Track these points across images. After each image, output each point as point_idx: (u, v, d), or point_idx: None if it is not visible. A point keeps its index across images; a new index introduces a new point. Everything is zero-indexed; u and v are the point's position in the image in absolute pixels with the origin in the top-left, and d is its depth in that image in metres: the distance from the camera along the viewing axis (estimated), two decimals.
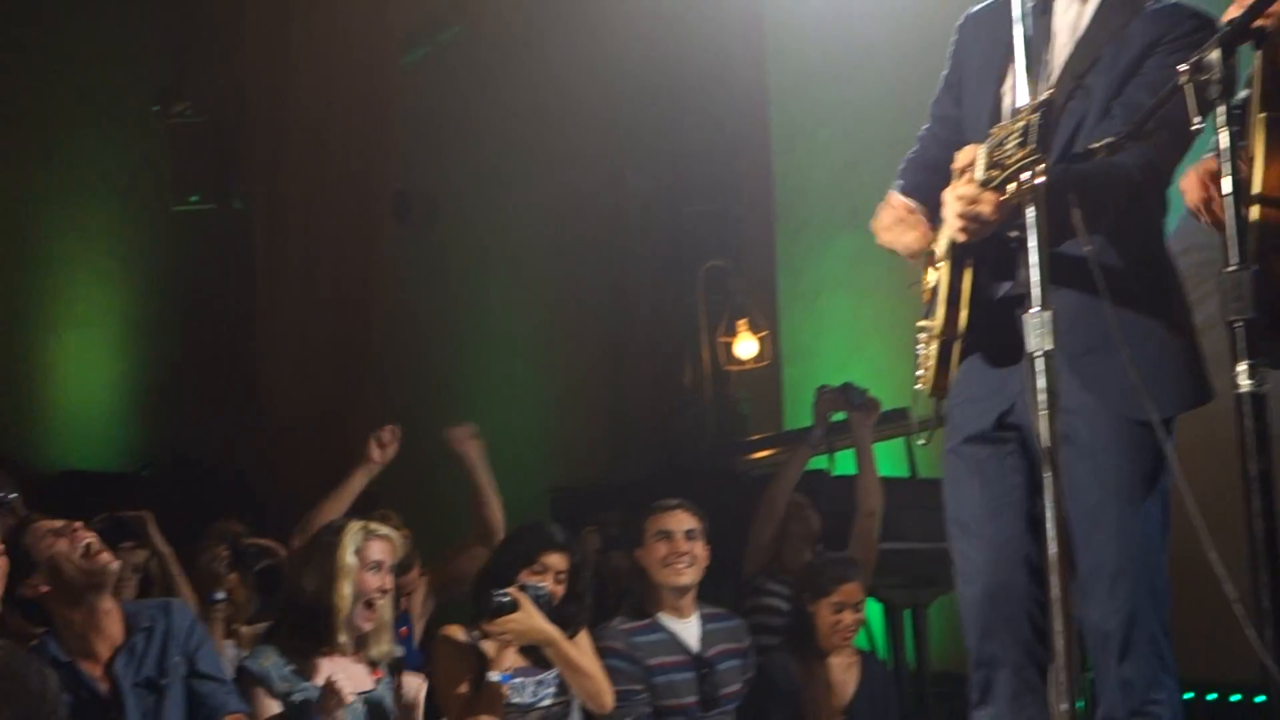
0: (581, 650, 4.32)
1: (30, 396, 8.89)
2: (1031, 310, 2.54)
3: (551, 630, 4.21)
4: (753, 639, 4.94)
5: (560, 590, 4.35)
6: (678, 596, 4.68)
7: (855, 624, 4.98)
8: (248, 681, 3.97)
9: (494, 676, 4.11)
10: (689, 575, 4.65)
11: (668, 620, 4.67)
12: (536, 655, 4.31)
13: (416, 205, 9.14)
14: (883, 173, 3.38)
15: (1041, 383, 2.52)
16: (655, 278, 9.75)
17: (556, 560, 4.36)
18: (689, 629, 4.69)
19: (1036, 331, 2.54)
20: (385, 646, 4.17)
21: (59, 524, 3.78)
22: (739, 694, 4.72)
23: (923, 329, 3.05)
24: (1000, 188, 2.59)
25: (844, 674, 4.97)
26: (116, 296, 9.34)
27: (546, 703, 4.31)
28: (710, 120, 9.33)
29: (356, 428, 8.46)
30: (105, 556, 3.75)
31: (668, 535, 4.65)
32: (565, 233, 9.63)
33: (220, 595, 4.83)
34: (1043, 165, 2.48)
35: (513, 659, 4.20)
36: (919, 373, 3.07)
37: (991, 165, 2.58)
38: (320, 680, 3.99)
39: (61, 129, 9.08)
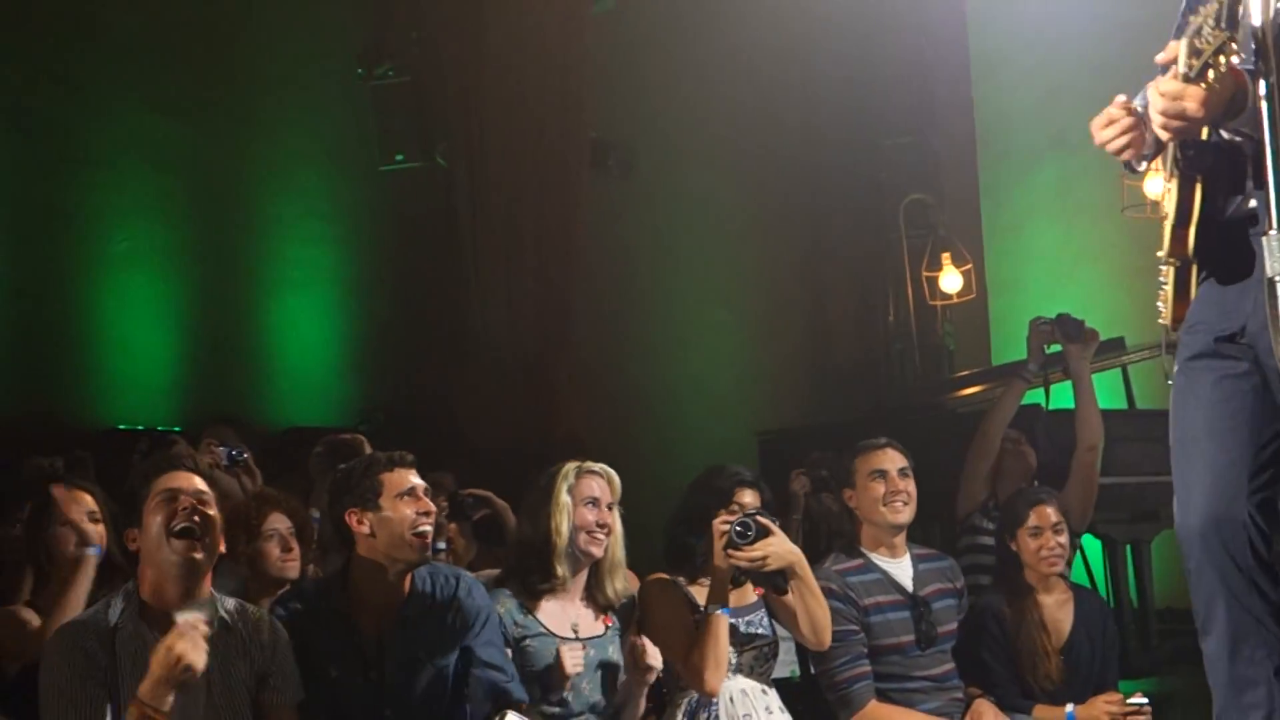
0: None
1: (253, 358, 9.24)
2: (1271, 232, 2.40)
3: (800, 554, 4.19)
4: (967, 579, 4.86)
5: None
6: (892, 535, 4.63)
7: (1059, 550, 4.81)
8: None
9: (716, 609, 4.10)
10: (906, 513, 4.59)
11: (881, 560, 4.63)
12: (739, 595, 4.30)
13: (613, 154, 9.20)
14: (1087, 96, 3.23)
15: None
16: (855, 215, 9.64)
17: (749, 498, 4.34)
18: (902, 569, 4.64)
19: (1277, 255, 2.40)
20: (615, 588, 4.20)
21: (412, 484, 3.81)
22: (954, 634, 4.66)
23: (1160, 260, 2.91)
24: (1201, 77, 2.44)
25: (1058, 611, 4.85)
26: (329, 257, 9.63)
27: (759, 639, 4.32)
28: (907, 50, 9.15)
29: (561, 376, 8.62)
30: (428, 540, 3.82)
31: (882, 474, 4.59)
32: (762, 175, 9.57)
33: (441, 545, 4.95)
34: (1235, 46, 2.33)
35: (721, 596, 4.17)
36: (1159, 305, 2.93)
37: (1191, 54, 2.44)
38: (548, 623, 4.06)
39: (272, 97, 9.38)
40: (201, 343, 9.02)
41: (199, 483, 3.48)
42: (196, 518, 3.38)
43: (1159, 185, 2.96)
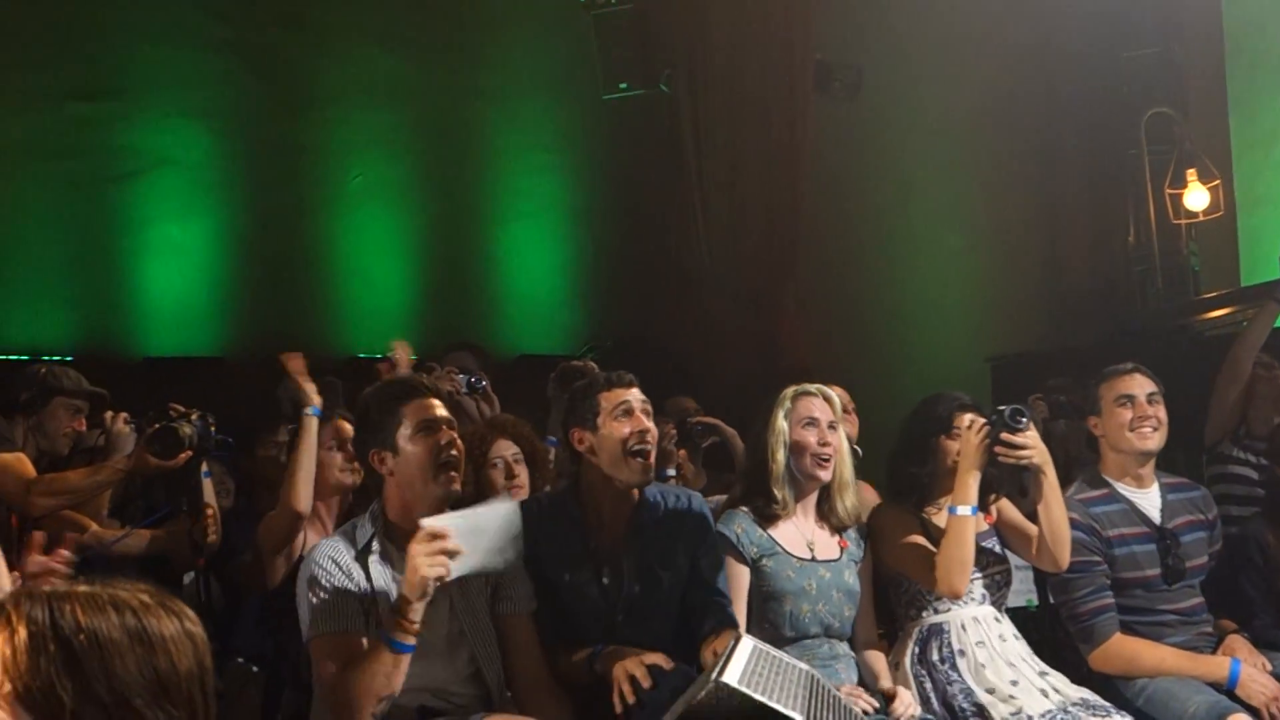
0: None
1: (484, 287, 9.44)
2: None
3: (1048, 456, 4.07)
4: (1218, 510, 4.65)
5: None
6: (1139, 464, 4.45)
7: None
8: (723, 547, 4.01)
9: (963, 510, 3.96)
10: (1155, 439, 4.40)
11: (1126, 490, 4.46)
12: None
13: (839, 75, 9.01)
14: None
15: None
16: (1093, 131, 9.27)
17: (970, 420, 4.23)
18: (1149, 499, 4.46)
19: None
20: (846, 507, 4.15)
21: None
22: (1204, 567, 4.46)
23: None
24: None
25: None
26: (555, 187, 9.74)
27: (994, 562, 4.23)
28: None
29: (788, 303, 8.56)
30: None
31: (1129, 399, 4.41)
32: (994, 92, 9.27)
33: (670, 471, 4.97)
34: None
35: (968, 495, 4.06)
36: None
37: None
38: (784, 543, 4.04)
39: (496, 29, 9.50)
40: (435, 273, 9.26)
41: (446, 411, 3.57)
42: (455, 450, 3.48)
43: None
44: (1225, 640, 4.37)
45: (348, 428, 4.59)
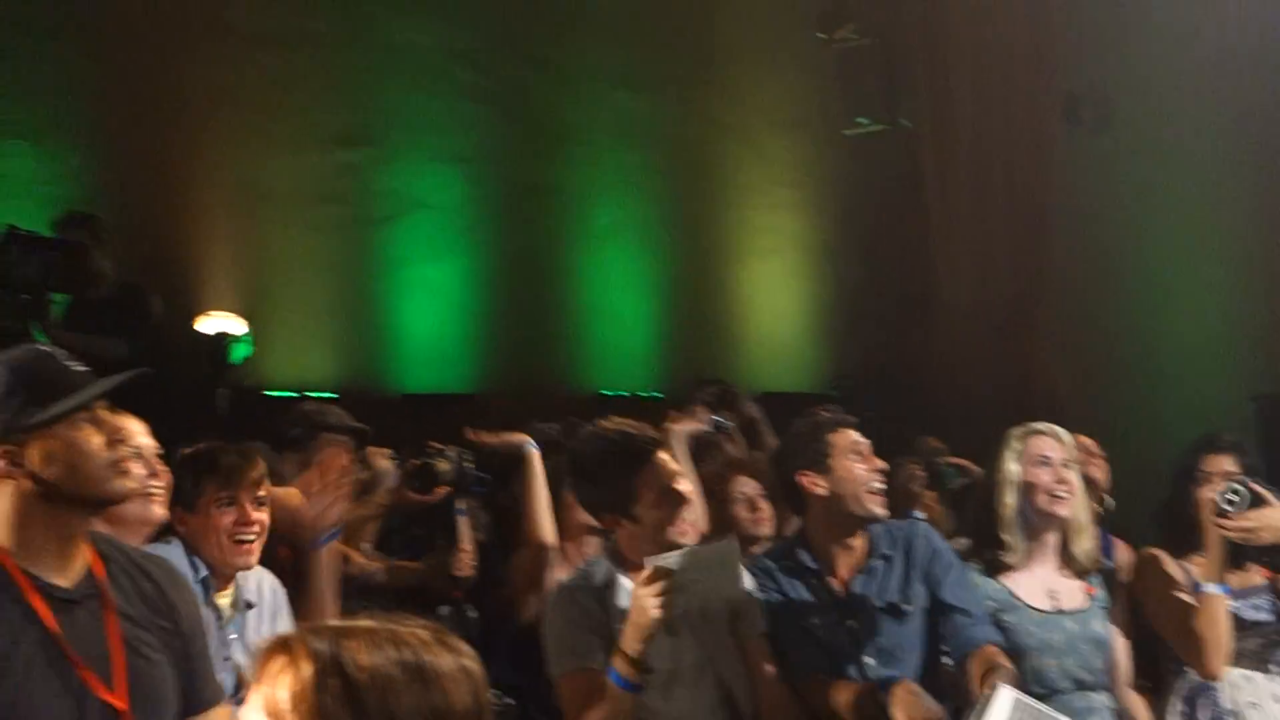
0: None
1: (727, 324, 9.49)
2: None
3: None
4: None
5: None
6: None
7: None
8: None
9: (1211, 588, 3.85)
10: None
11: None
12: (1243, 577, 4.00)
13: (1088, 108, 8.76)
14: None
15: None
16: None
17: (1227, 464, 4.04)
18: None
19: None
20: (1084, 550, 3.97)
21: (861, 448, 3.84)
22: None
23: None
24: None
25: None
26: (796, 224, 9.74)
27: (1265, 625, 4.00)
28: None
29: (1036, 338, 8.34)
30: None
31: None
32: (1250, 121, 8.87)
33: (918, 514, 4.88)
34: None
35: (1216, 572, 3.89)
36: None
37: None
38: (1022, 594, 3.93)
39: (736, 67, 9.57)
40: (678, 310, 9.36)
41: (675, 467, 3.58)
42: (684, 505, 3.51)
43: None
44: None
45: None
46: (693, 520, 3.53)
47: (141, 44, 8.23)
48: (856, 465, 3.76)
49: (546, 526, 4.57)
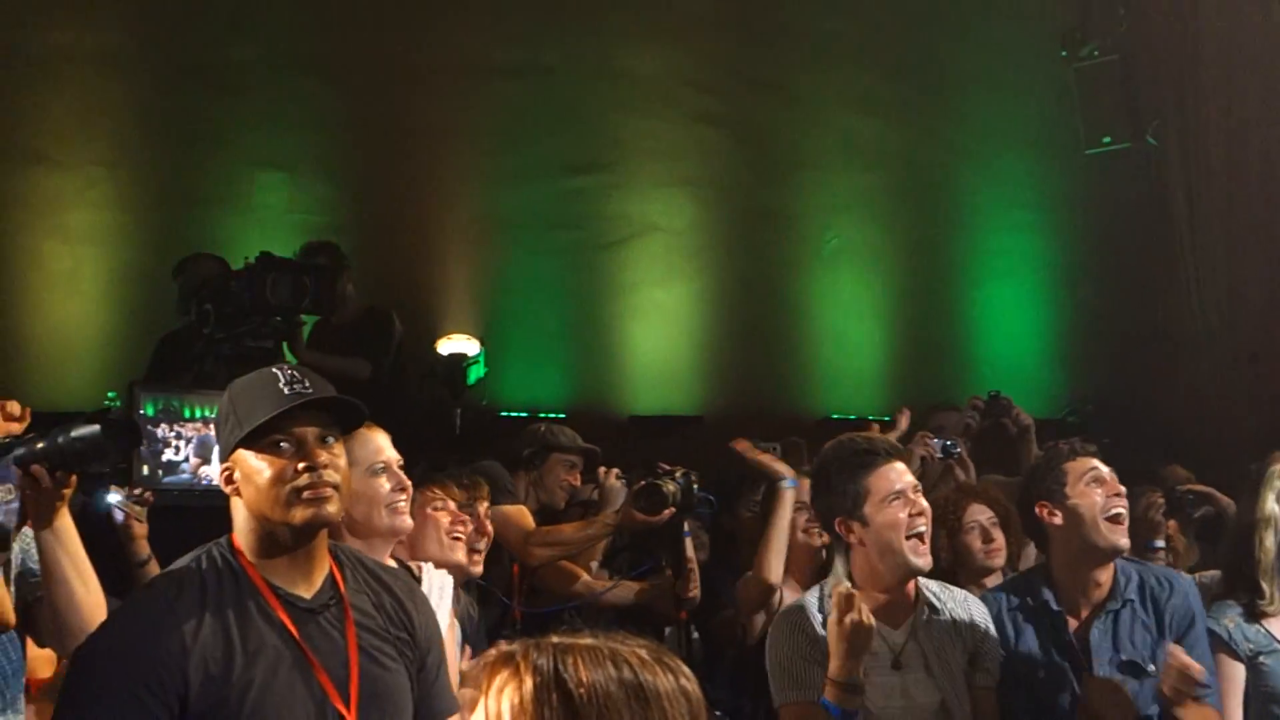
0: None
1: (959, 349, 9.32)
2: None
3: None
4: None
5: None
6: None
7: None
8: (1214, 644, 3.72)
9: None
10: None
11: None
12: None
13: None
14: None
15: None
16: None
17: None
18: None
19: None
20: None
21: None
22: None
23: None
24: None
25: None
26: (1034, 246, 9.50)
27: None
28: None
29: None
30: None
31: None
32: None
33: (1159, 544, 4.72)
34: None
35: None
36: None
37: None
38: None
39: (972, 86, 9.40)
40: (908, 335, 9.24)
41: (912, 476, 3.53)
42: (923, 520, 3.44)
43: None
44: None
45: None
46: (926, 532, 3.46)
47: (386, 79, 8.56)
48: (1094, 493, 3.64)
49: (775, 566, 4.55)
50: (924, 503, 3.47)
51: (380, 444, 3.32)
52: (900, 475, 3.45)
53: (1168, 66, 8.69)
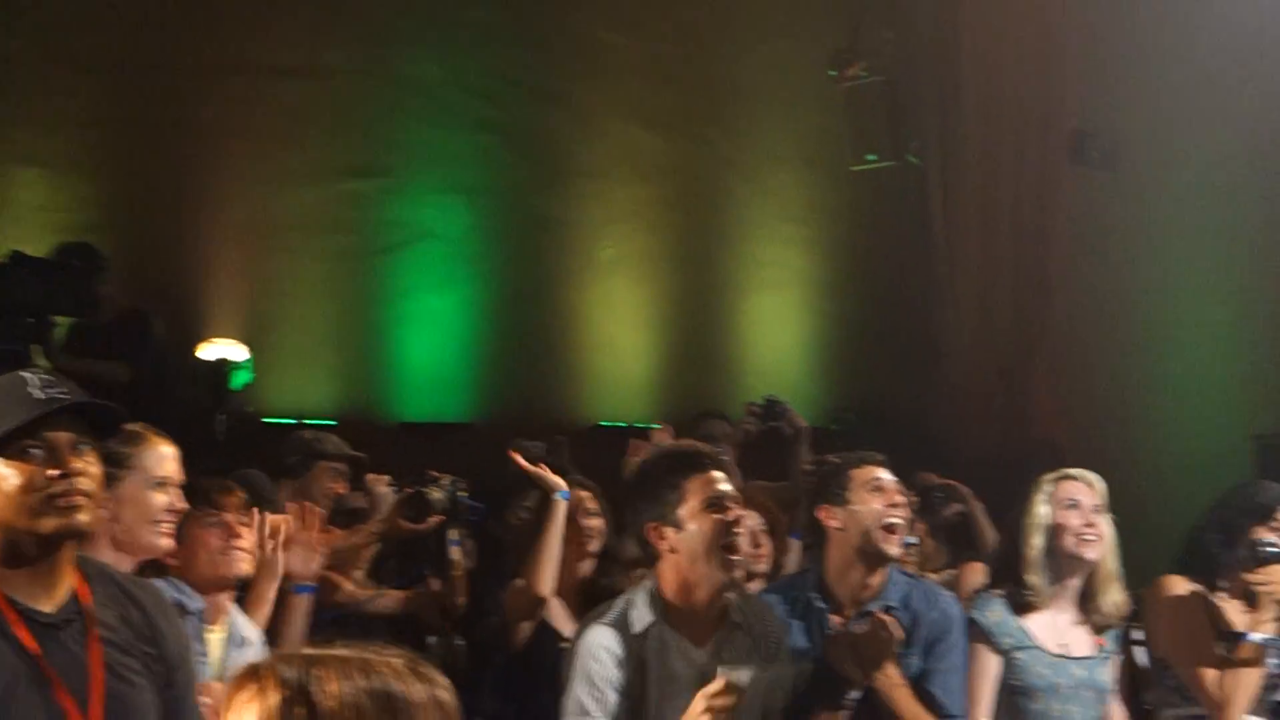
0: None
1: (728, 358, 9.50)
2: None
3: None
4: None
5: None
6: None
7: None
8: (974, 634, 3.92)
9: (1256, 637, 3.83)
10: None
11: None
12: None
13: (1095, 146, 8.78)
14: None
15: None
16: None
17: None
18: None
19: None
20: (1111, 602, 3.98)
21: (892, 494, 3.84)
22: None
23: None
24: None
25: None
26: (801, 259, 9.75)
27: (1274, 676, 3.99)
28: None
29: (1039, 379, 8.34)
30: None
31: None
32: (1260, 162, 8.88)
33: (911, 540, 4.91)
34: None
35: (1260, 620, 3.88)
36: None
37: None
38: (1039, 635, 3.90)
39: (746, 103, 9.62)
40: (679, 344, 9.37)
41: (732, 486, 3.44)
42: (739, 529, 3.39)
43: None
44: None
45: (583, 495, 4.68)
46: (746, 544, 3.47)
47: (158, 76, 8.33)
48: (873, 500, 3.77)
49: (547, 578, 4.50)
50: (743, 513, 3.46)
51: (167, 458, 3.22)
52: (721, 482, 3.39)
53: (930, 89, 9.03)
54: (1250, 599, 3.95)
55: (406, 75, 9.03)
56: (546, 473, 4.62)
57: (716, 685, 3.03)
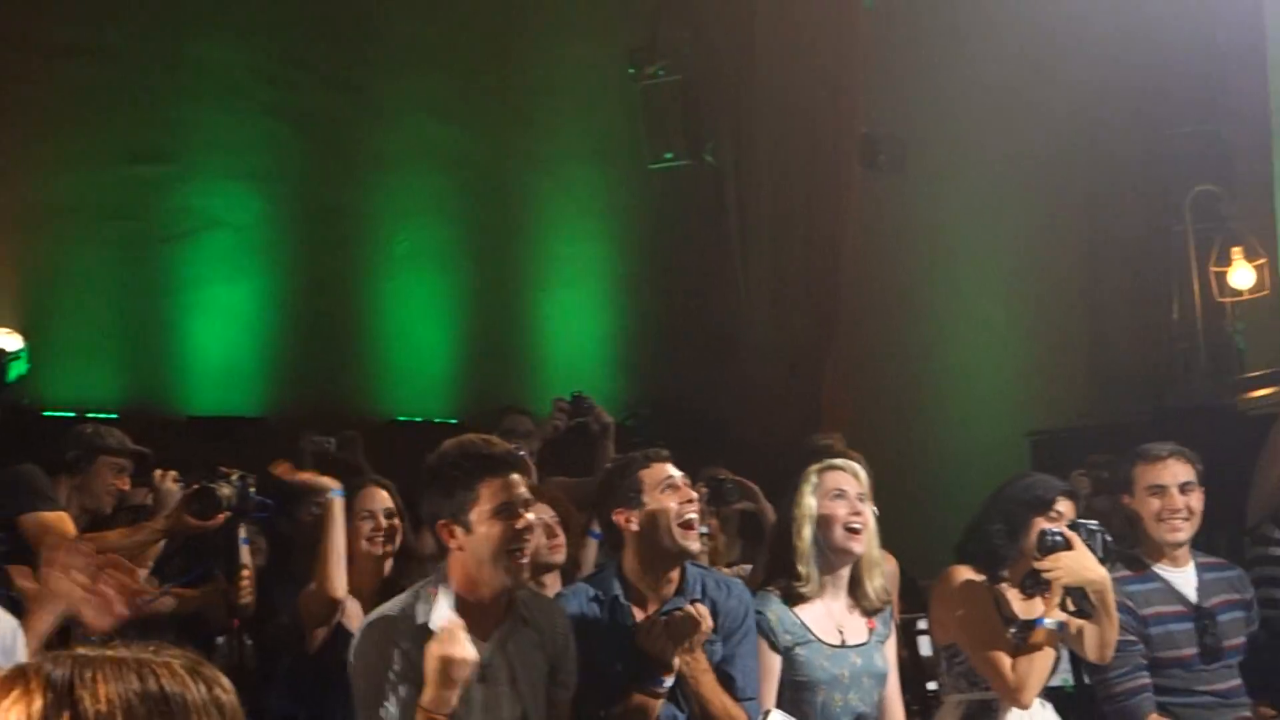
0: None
1: (525, 352, 9.51)
2: None
3: (1101, 572, 4.03)
4: (1258, 591, 4.59)
5: None
6: (1173, 549, 4.42)
7: None
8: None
9: (1048, 623, 3.98)
10: (1185, 531, 4.36)
11: (1162, 569, 4.42)
12: (1028, 607, 4.16)
13: (884, 148, 9.05)
14: None
15: None
16: (1137, 207, 9.26)
17: (1065, 505, 4.21)
18: (1185, 578, 4.42)
19: None
20: (875, 587, 4.08)
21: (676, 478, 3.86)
22: (1241, 648, 4.41)
23: None
24: None
25: None
26: (599, 254, 9.82)
27: None
28: (1196, 33, 8.69)
29: (827, 373, 8.56)
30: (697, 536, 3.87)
31: (1161, 490, 4.37)
32: (1038, 166, 9.29)
33: (704, 529, 4.99)
34: None
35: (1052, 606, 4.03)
36: None
37: None
38: (814, 627, 3.99)
39: (545, 98, 9.63)
40: (476, 338, 9.34)
41: (527, 489, 3.44)
42: (528, 536, 3.39)
43: None
44: None
45: (381, 494, 4.62)
46: (540, 543, 3.47)
47: None
48: (668, 500, 3.81)
49: (337, 580, 4.41)
50: (532, 518, 3.43)
51: None
52: (516, 486, 3.39)
53: (726, 89, 9.17)
54: (1028, 588, 4.12)
55: (194, 57, 8.76)
56: (314, 476, 4.52)
57: (442, 634, 3.12)
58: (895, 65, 9.13)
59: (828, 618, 4.04)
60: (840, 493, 4.05)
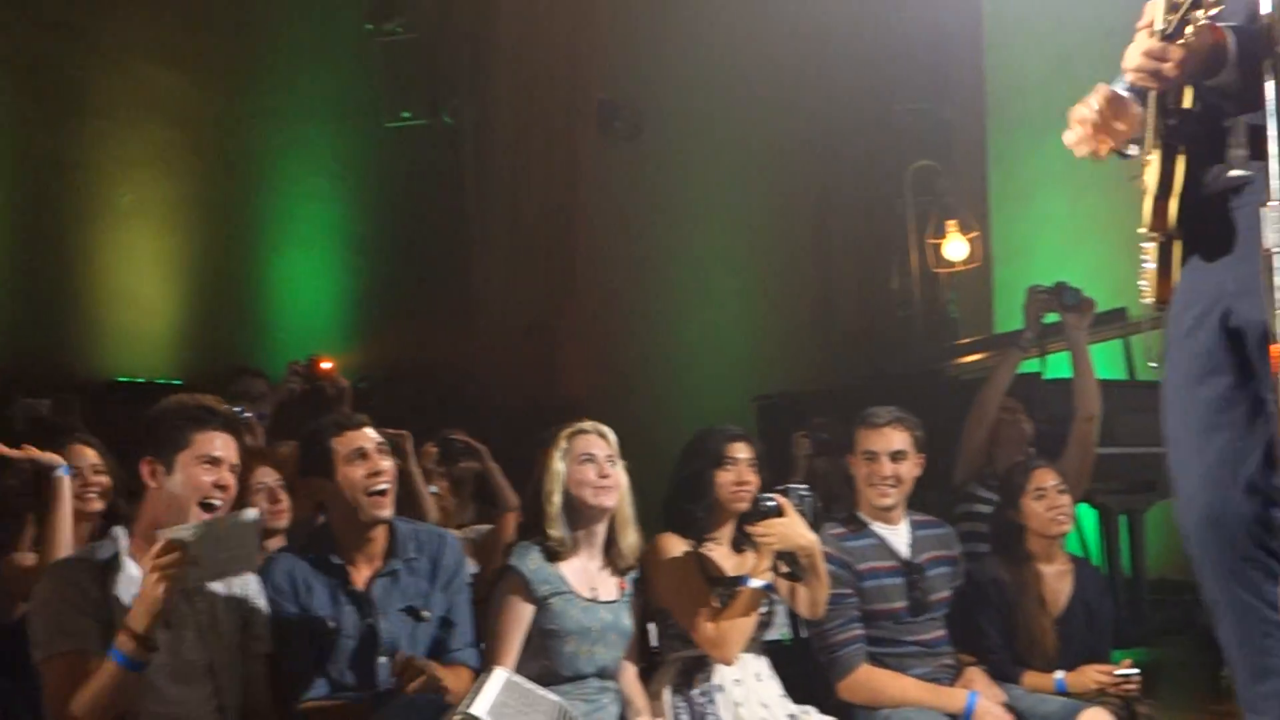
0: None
1: (256, 313, 9.29)
2: (1271, 203, 2.36)
3: (811, 537, 4.16)
4: (963, 547, 4.85)
5: (756, 478, 4.34)
6: (883, 512, 4.64)
7: (1065, 509, 4.81)
8: (511, 583, 4.05)
9: (756, 583, 4.11)
10: (891, 498, 4.57)
11: (877, 526, 4.62)
12: (741, 562, 4.32)
13: (621, 115, 9.15)
14: (1101, 64, 3.19)
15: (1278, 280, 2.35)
16: (863, 181, 9.61)
17: (741, 449, 4.36)
18: (898, 535, 4.64)
19: (1276, 226, 2.36)
20: (628, 544, 4.19)
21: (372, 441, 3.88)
22: (947, 601, 4.66)
23: (1143, 235, 2.89)
24: (1178, 34, 2.45)
25: (1057, 582, 4.83)
26: (334, 214, 9.65)
27: (762, 609, 4.32)
28: (920, 16, 9.06)
29: (563, 338, 8.64)
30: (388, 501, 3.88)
31: (873, 456, 4.57)
32: (770, 139, 9.53)
33: (433, 489, 5.01)
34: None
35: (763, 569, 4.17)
36: (1141, 283, 2.90)
37: (1169, 9, 2.46)
38: (572, 580, 4.07)
39: (279, 51, 9.38)
40: (204, 297, 9.07)
41: (235, 449, 3.52)
42: (222, 493, 3.46)
43: None
44: (964, 672, 4.56)
45: (88, 452, 4.47)
46: (226, 491, 3.46)
47: None
48: (357, 470, 3.83)
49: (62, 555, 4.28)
50: (230, 479, 3.49)
51: None
52: (229, 445, 3.48)
53: (466, 48, 9.12)
54: (740, 547, 4.29)
55: None
56: (36, 453, 4.34)
57: (158, 546, 3.16)
58: (635, 34, 9.23)
59: (583, 573, 4.14)
60: (589, 456, 4.14)
